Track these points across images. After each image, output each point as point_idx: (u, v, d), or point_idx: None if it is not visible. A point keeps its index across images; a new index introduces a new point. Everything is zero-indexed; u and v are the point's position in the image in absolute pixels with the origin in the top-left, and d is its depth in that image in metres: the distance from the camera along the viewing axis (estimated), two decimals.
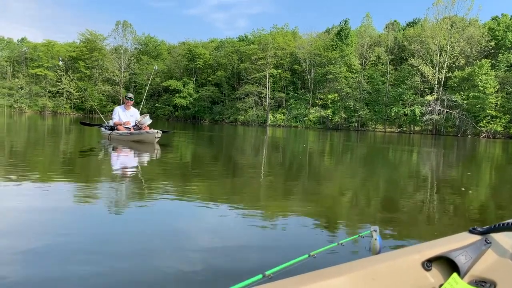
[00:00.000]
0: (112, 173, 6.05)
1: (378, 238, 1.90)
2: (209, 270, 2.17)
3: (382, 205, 4.44)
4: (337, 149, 14.54)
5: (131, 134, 10.88)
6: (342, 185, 5.96)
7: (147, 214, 3.49)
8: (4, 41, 74.35)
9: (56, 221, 3.09)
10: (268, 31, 58.01)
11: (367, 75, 49.09)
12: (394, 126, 45.64)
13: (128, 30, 69.28)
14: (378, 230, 1.93)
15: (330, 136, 25.60)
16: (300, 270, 1.15)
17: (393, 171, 8.21)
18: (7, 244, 2.50)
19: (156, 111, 60.33)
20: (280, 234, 3.00)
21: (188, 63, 61.44)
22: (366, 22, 56.40)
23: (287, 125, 50.06)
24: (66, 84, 64.80)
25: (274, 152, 11.86)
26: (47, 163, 6.77)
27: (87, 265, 2.19)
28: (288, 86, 54.26)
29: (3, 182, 4.47)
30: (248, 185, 5.41)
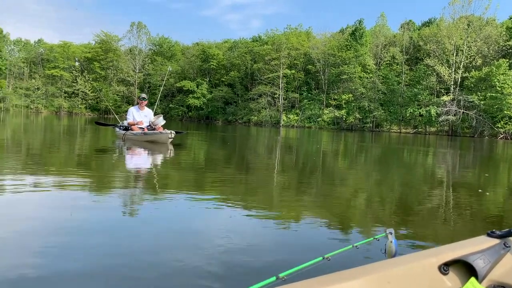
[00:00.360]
0: (126, 173, 6.10)
1: (394, 240, 1.87)
2: (222, 271, 2.16)
3: (397, 207, 4.39)
4: (351, 150, 14.44)
5: (145, 135, 10.96)
6: (357, 186, 5.91)
7: (160, 214, 3.51)
8: (22, 43, 75.65)
9: (71, 221, 3.12)
10: (282, 32, 57.94)
11: (381, 75, 48.66)
12: (409, 127, 45.14)
13: (142, 31, 69.92)
14: (393, 232, 1.91)
15: (344, 137, 25.44)
16: (315, 272, 1.14)
17: (408, 173, 8.12)
18: (27, 241, 2.54)
19: (170, 112, 60.71)
20: (293, 235, 2.98)
21: (201, 64, 61.70)
22: (381, 22, 55.94)
23: (301, 125, 49.90)
24: (81, 85, 65.64)
25: (287, 153, 11.83)
26: (62, 163, 6.86)
27: (102, 264, 2.21)
28: (301, 87, 54.08)
29: (20, 181, 4.54)
30: (261, 186, 5.40)
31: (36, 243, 2.53)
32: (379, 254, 1.89)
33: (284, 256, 2.50)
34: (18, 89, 66.83)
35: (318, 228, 3.24)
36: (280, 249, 2.66)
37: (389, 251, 1.86)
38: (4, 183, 4.47)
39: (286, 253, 2.58)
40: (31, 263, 2.20)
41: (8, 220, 3.05)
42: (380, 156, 12.49)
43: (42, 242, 2.56)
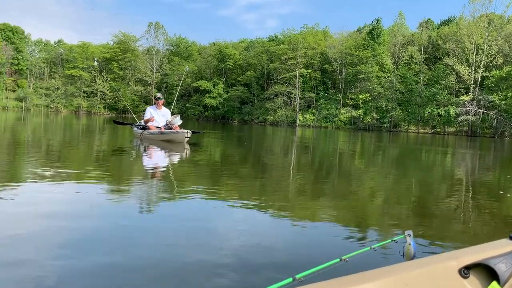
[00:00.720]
0: (143, 172, 6.16)
1: (412, 243, 1.84)
2: (238, 271, 2.16)
3: (415, 208, 4.33)
4: (369, 150, 14.31)
5: (162, 134, 11.07)
6: (374, 187, 5.85)
7: (176, 212, 3.53)
8: (42, 43, 77.14)
9: (90, 217, 3.16)
10: (298, 31, 57.76)
11: (399, 74, 48.09)
12: (427, 127, 44.51)
13: (160, 31, 70.58)
14: (412, 234, 1.87)
15: (361, 137, 25.24)
16: (331, 274, 1.12)
17: (427, 173, 8.00)
18: (48, 235, 2.59)
19: (186, 111, 61.11)
20: (310, 236, 2.96)
21: (218, 64, 61.94)
22: (399, 20, 55.32)
23: (317, 125, 49.68)
24: (100, 85, 66.56)
25: (303, 152, 11.79)
26: (82, 161, 6.97)
27: (117, 260, 2.23)
28: (318, 86, 53.83)
29: (41, 178, 4.63)
30: (277, 186, 5.39)
31: (57, 238, 2.59)
32: (397, 256, 1.87)
33: (300, 257, 2.49)
34: (39, 88, 68.14)
35: (335, 229, 3.21)
36: (296, 249, 2.65)
37: (408, 253, 1.84)
38: (26, 180, 4.57)
39: (302, 253, 2.56)
40: (53, 256, 2.25)
41: (30, 215, 3.11)
42: (398, 157, 12.35)
43: (63, 237, 2.62)
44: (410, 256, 1.82)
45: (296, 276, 1.21)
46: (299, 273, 1.24)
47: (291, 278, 1.20)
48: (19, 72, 68.81)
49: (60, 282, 1.95)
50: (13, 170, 5.45)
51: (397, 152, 14.14)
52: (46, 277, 1.99)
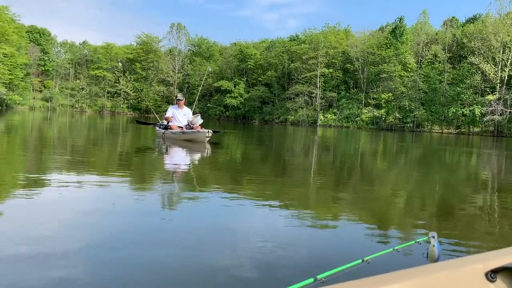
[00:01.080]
0: (165, 171, 6.23)
1: (437, 244, 1.81)
2: (259, 270, 2.16)
3: (439, 209, 4.25)
4: (391, 150, 14.12)
5: (184, 133, 11.18)
6: (396, 187, 5.77)
7: (197, 211, 3.56)
8: (68, 45, 78.76)
9: (107, 216, 3.22)
10: (319, 30, 57.35)
11: (423, 73, 47.22)
12: (451, 127, 43.59)
13: (182, 32, 71.14)
14: (436, 236, 1.84)
15: (383, 137, 24.92)
16: (354, 275, 1.11)
17: (451, 174, 7.84)
18: (74, 231, 2.65)
19: (207, 111, 61.45)
20: (331, 236, 2.94)
21: (239, 64, 62.08)
22: (422, 19, 54.33)
23: (338, 125, 49.27)
24: (123, 85, 67.57)
25: (324, 152, 11.71)
26: (106, 159, 7.10)
27: (138, 256, 2.27)
28: (339, 86, 53.35)
29: (66, 176, 4.74)
30: (298, 186, 5.37)
31: (82, 233, 2.64)
32: (421, 258, 1.83)
33: (321, 257, 2.47)
34: (64, 89, 69.63)
35: (357, 229, 3.18)
36: (317, 249, 2.64)
37: (432, 255, 1.80)
38: (52, 177, 4.68)
39: (323, 253, 2.55)
40: (77, 249, 2.30)
41: (56, 211, 3.20)
42: (421, 157, 12.14)
43: (87, 232, 2.67)
44: (434, 259, 1.79)
45: (317, 277, 1.20)
46: (321, 273, 1.23)
47: (313, 278, 1.19)
48: (46, 73, 70.46)
49: (85, 274, 2.00)
50: (40, 168, 5.60)
51: (420, 153, 13.90)
52: (73, 269, 2.04)
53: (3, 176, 4.86)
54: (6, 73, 48.31)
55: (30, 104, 62.03)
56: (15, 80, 52.81)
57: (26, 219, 2.97)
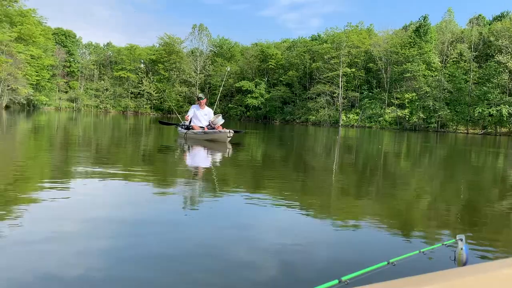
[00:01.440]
0: (186, 171, 6.28)
1: (465, 247, 1.76)
2: (282, 270, 2.15)
3: (466, 211, 4.15)
4: (415, 151, 13.88)
5: (205, 133, 11.26)
6: (421, 189, 5.66)
7: (219, 210, 3.56)
8: (92, 46, 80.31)
9: (130, 214, 3.27)
10: (341, 30, 56.81)
11: (448, 73, 46.26)
12: (477, 127, 42.57)
13: (203, 33, 71.69)
14: (464, 239, 1.79)
15: (407, 137, 24.52)
16: (379, 277, 1.10)
17: (477, 175, 7.66)
18: (97, 228, 2.70)
19: (228, 111, 61.70)
20: (355, 237, 2.90)
21: (260, 64, 62.11)
22: (447, 17, 53.24)
23: (361, 125, 48.73)
24: (146, 86, 68.58)
25: (347, 153, 11.61)
26: (129, 158, 7.20)
27: (159, 256, 2.29)
28: (362, 85, 52.76)
29: (91, 174, 4.83)
30: (320, 186, 5.33)
31: (102, 229, 2.69)
32: (448, 261, 1.79)
33: (345, 258, 2.44)
34: (89, 90, 71.08)
35: (381, 230, 3.13)
36: (341, 250, 2.60)
37: (460, 259, 1.75)
38: (77, 176, 4.78)
39: (347, 255, 2.52)
40: (98, 246, 2.34)
41: (80, 209, 3.26)
42: (446, 158, 11.90)
43: (108, 229, 2.72)
44: (462, 262, 1.74)
45: (342, 278, 1.19)
46: (345, 275, 1.22)
47: (337, 280, 1.18)
48: (71, 74, 72.01)
49: (103, 269, 2.03)
50: (66, 166, 5.72)
51: (445, 153, 13.62)
52: (92, 264, 2.07)
53: (30, 173, 4.99)
54: (34, 74, 49.60)
55: (56, 105, 63.55)
56: (42, 81, 54.20)
57: (50, 215, 3.05)
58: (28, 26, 48.17)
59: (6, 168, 5.30)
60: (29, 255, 2.22)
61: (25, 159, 6.60)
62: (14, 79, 43.77)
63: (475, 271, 1.10)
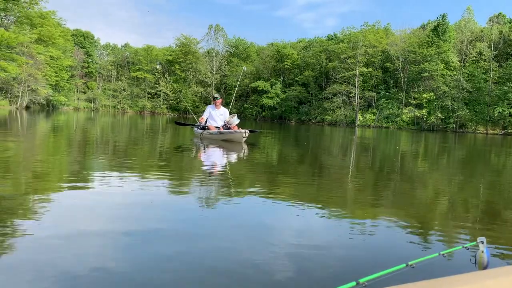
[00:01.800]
0: (202, 170, 6.31)
1: (486, 250, 1.72)
2: (299, 271, 2.14)
3: (487, 213, 4.06)
4: (433, 152, 13.69)
5: (221, 134, 11.31)
6: (440, 190, 5.57)
7: (233, 211, 3.56)
8: (110, 47, 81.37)
9: (147, 214, 3.29)
10: (358, 29, 56.37)
11: (466, 72, 45.51)
12: (497, 128, 41.78)
13: (219, 33, 72.02)
14: (485, 241, 1.75)
15: (425, 138, 24.20)
16: (397, 280, 1.08)
17: (498, 177, 7.50)
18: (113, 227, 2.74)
19: (244, 111, 61.84)
20: (372, 239, 2.86)
21: (276, 64, 62.09)
22: (467, 15, 52.37)
23: (377, 125, 48.29)
24: (163, 86, 69.21)
25: (364, 153, 11.51)
26: (146, 158, 7.27)
27: (173, 255, 2.30)
28: (379, 85, 52.28)
29: (108, 172, 4.89)
30: (336, 187, 5.29)
31: (119, 228, 2.72)
32: (469, 264, 1.75)
33: (362, 260, 2.41)
34: (107, 90, 72.07)
35: (399, 232, 3.08)
36: (358, 252, 2.57)
37: (480, 262, 1.71)
38: (94, 175, 4.85)
39: (365, 256, 2.48)
40: (116, 244, 2.37)
41: (97, 207, 3.31)
42: (465, 158, 11.70)
43: (126, 227, 2.75)
44: (483, 265, 1.70)
45: (359, 281, 1.17)
46: (363, 277, 1.20)
47: (355, 282, 1.16)
48: (89, 74, 73.12)
49: (122, 266, 2.05)
50: (84, 165, 5.81)
51: (464, 154, 13.39)
52: (110, 261, 2.09)
53: (49, 172, 5.07)
54: (53, 75, 50.51)
55: (74, 105, 64.58)
56: (60, 82, 55.15)
57: (68, 213, 3.09)
58: (48, 27, 49.08)
59: (26, 167, 5.40)
60: (47, 251, 2.26)
61: (45, 158, 6.72)
62: (34, 79, 44.63)
63: (496, 275, 1.07)
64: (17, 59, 40.99)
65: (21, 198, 3.52)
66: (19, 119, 20.65)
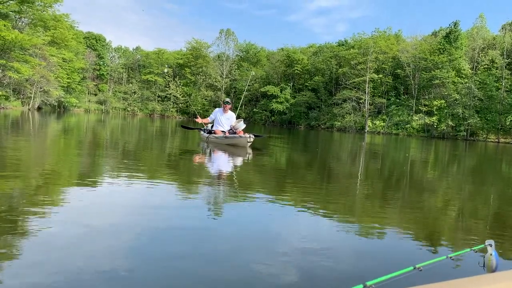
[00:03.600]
0: (206, 175, 6.32)
1: (494, 253, 1.70)
2: (307, 274, 2.13)
3: (497, 217, 4.02)
4: (443, 160, 13.57)
5: (226, 138, 11.39)
6: (449, 197, 5.52)
7: (238, 216, 3.54)
8: (122, 50, 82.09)
9: (154, 217, 3.30)
10: (369, 35, 56.20)
11: (478, 80, 45.12)
12: (509, 137, 41.31)
13: (230, 38, 72.30)
14: (493, 244, 1.72)
15: (435, 145, 24.01)
16: (405, 283, 1.07)
17: (508, 184, 7.42)
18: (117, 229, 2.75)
19: (253, 116, 61.90)
20: (380, 242, 2.84)
21: (286, 69, 62.12)
22: (479, 23, 51.97)
23: (387, 132, 48.02)
24: (173, 90, 69.58)
25: (373, 160, 11.45)
26: (152, 161, 7.32)
27: (177, 260, 2.30)
28: (389, 92, 52.05)
29: (116, 174, 4.93)
30: (346, 192, 5.27)
31: (126, 231, 2.73)
32: (477, 267, 1.73)
33: (370, 263, 2.39)
34: (117, 92, 72.64)
35: (407, 235, 3.05)
36: (366, 255, 2.55)
37: (489, 265, 1.69)
38: (102, 177, 4.88)
39: (372, 259, 2.46)
40: (123, 247, 2.38)
41: (105, 210, 3.33)
42: (475, 167, 11.58)
43: (132, 230, 2.76)
44: (492, 268, 1.68)
45: (366, 283, 1.16)
46: (370, 280, 1.19)
47: (362, 285, 1.15)
48: (100, 77, 73.75)
49: (127, 270, 2.05)
50: (93, 167, 5.86)
51: (475, 162, 13.26)
52: (117, 263, 2.10)
53: (58, 173, 5.12)
54: (65, 77, 50.99)
55: (85, 107, 65.09)
56: (72, 84, 55.67)
57: (76, 216, 3.12)
58: (61, 30, 49.59)
59: (36, 167, 5.46)
60: (55, 253, 2.28)
61: (55, 159, 6.78)
62: (46, 81, 45.09)
63: (505, 278, 1.06)
64: (30, 60, 41.47)
65: (30, 198, 3.56)
66: (31, 120, 20.89)
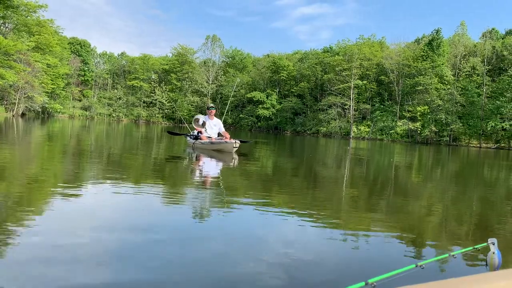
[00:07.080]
0: (191, 180, 6.28)
1: (497, 251, 1.71)
2: (308, 272, 2.12)
3: (499, 216, 4.07)
4: (427, 164, 13.74)
5: (212, 143, 11.38)
6: (450, 195, 5.58)
7: (225, 222, 3.47)
8: (107, 56, 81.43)
9: (139, 223, 3.26)
10: (353, 42, 56.88)
11: (460, 86, 45.94)
12: (490, 142, 42.10)
13: (216, 44, 72.35)
14: (496, 243, 1.74)
15: (418, 150, 24.30)
16: (407, 281, 1.07)
17: (503, 185, 7.54)
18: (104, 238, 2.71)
19: (240, 122, 61.91)
20: (382, 241, 2.84)
21: (272, 75, 62.39)
22: (460, 31, 52.98)
23: (372, 137, 48.47)
24: (159, 95, 69.17)
25: (358, 165, 11.53)
26: (138, 167, 7.24)
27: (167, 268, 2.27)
28: (373, 98, 52.64)
29: (101, 184, 4.86)
30: (341, 196, 5.29)
31: (113, 238, 2.70)
32: (480, 265, 1.74)
33: (371, 261, 2.40)
34: (102, 98, 71.94)
35: (408, 234, 3.06)
36: (367, 253, 2.56)
37: (492, 263, 1.70)
38: (87, 184, 4.81)
39: (374, 257, 2.47)
40: (110, 254, 2.34)
41: (90, 217, 3.28)
42: (460, 171, 11.75)
43: (119, 237, 2.73)
44: (495, 266, 1.70)
45: (368, 281, 1.16)
46: (372, 277, 1.19)
47: (364, 282, 1.15)
48: (85, 82, 72.96)
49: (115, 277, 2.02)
50: (78, 174, 5.77)
51: (458, 167, 13.46)
52: (103, 270, 2.07)
53: (43, 180, 5.03)
54: (49, 82, 50.32)
55: (69, 113, 64.31)
56: (56, 90, 55.02)
57: (61, 223, 3.06)
58: (45, 35, 49.05)
59: (20, 175, 5.36)
60: (39, 262, 2.23)
61: (38, 166, 6.67)
62: (30, 87, 44.46)
63: (508, 276, 1.07)
64: (15, 66, 40.86)
65: (14, 206, 3.49)
66: (15, 126, 20.52)
